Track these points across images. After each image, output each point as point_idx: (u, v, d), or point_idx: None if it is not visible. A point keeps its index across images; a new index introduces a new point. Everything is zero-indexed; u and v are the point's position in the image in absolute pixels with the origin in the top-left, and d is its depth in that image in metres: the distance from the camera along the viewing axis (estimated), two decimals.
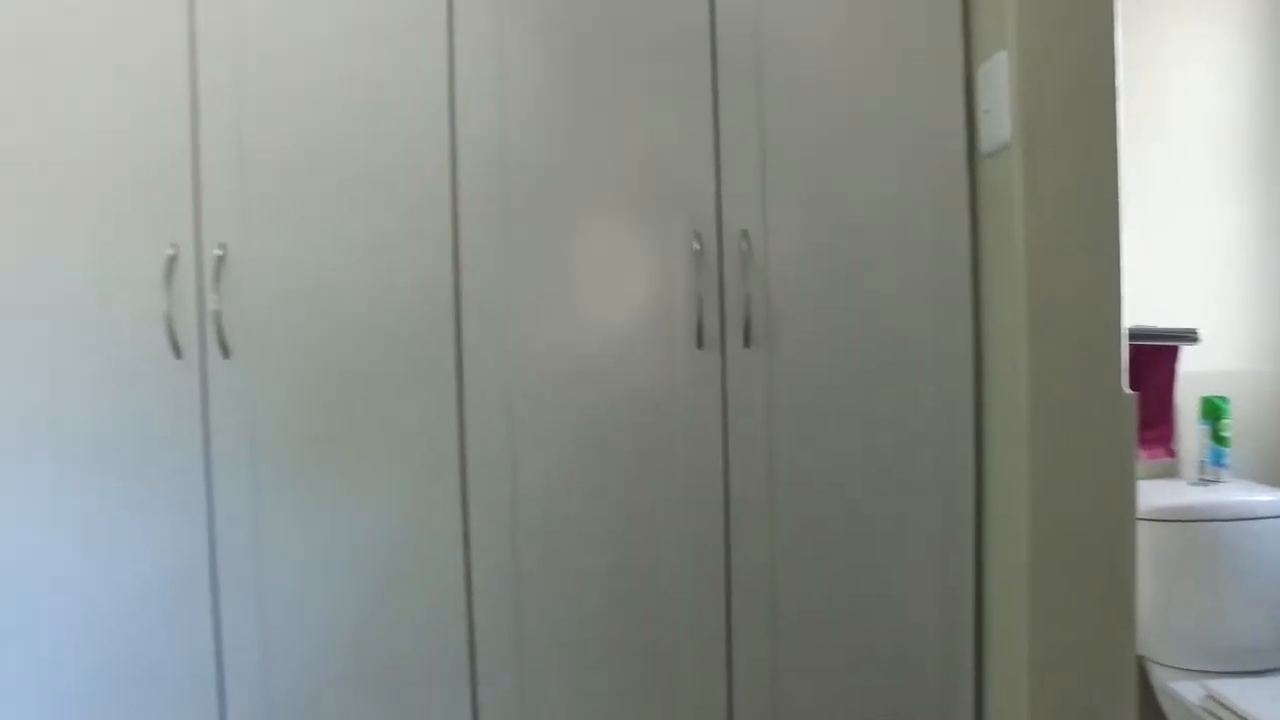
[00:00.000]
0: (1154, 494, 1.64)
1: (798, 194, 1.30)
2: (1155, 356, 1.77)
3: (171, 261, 1.28)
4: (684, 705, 1.31)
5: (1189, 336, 1.76)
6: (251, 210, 1.28)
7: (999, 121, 1.18)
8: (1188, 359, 1.79)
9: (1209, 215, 1.84)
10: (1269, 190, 1.85)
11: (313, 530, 1.30)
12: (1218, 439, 1.74)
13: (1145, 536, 1.57)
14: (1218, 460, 1.74)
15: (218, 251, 1.27)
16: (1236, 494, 1.64)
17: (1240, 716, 1.37)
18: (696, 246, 1.27)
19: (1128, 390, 1.16)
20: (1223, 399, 1.75)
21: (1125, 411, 1.15)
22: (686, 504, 1.30)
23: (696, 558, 1.30)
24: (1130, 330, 1.49)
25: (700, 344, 1.28)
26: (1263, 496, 1.62)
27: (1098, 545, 1.15)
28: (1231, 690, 1.44)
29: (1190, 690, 1.52)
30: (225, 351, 1.28)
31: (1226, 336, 1.84)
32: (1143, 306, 1.78)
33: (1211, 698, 1.45)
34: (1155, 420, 1.78)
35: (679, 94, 1.29)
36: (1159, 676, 1.60)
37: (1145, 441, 1.76)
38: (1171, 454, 1.80)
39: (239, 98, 1.27)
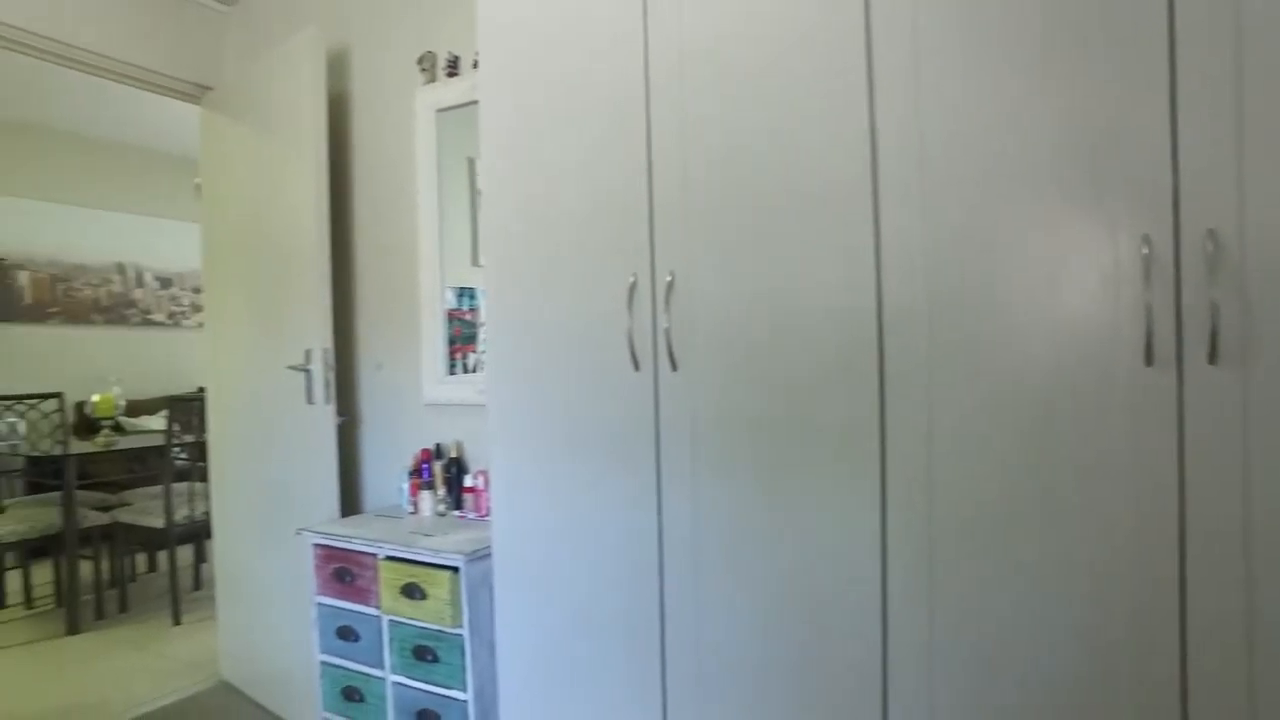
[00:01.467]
0: None
1: None
2: None
3: (632, 288, 1.55)
4: None
5: None
6: (693, 241, 1.49)
7: None
8: None
9: None
10: None
11: (738, 521, 1.46)
12: None
13: None
14: None
15: (668, 278, 1.51)
16: None
17: None
18: (1145, 250, 1.14)
19: None
20: None
21: None
22: (1128, 544, 1.17)
23: (1134, 608, 1.16)
24: None
25: (1149, 360, 1.14)
26: None
27: None
28: None
29: None
30: (673, 364, 1.51)
31: None
32: None
33: None
34: None
35: (1124, 55, 1.16)
36: None
37: None
38: None
39: (681, 147, 1.49)
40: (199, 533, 3.68)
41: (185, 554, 4.27)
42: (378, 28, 2.65)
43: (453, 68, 2.43)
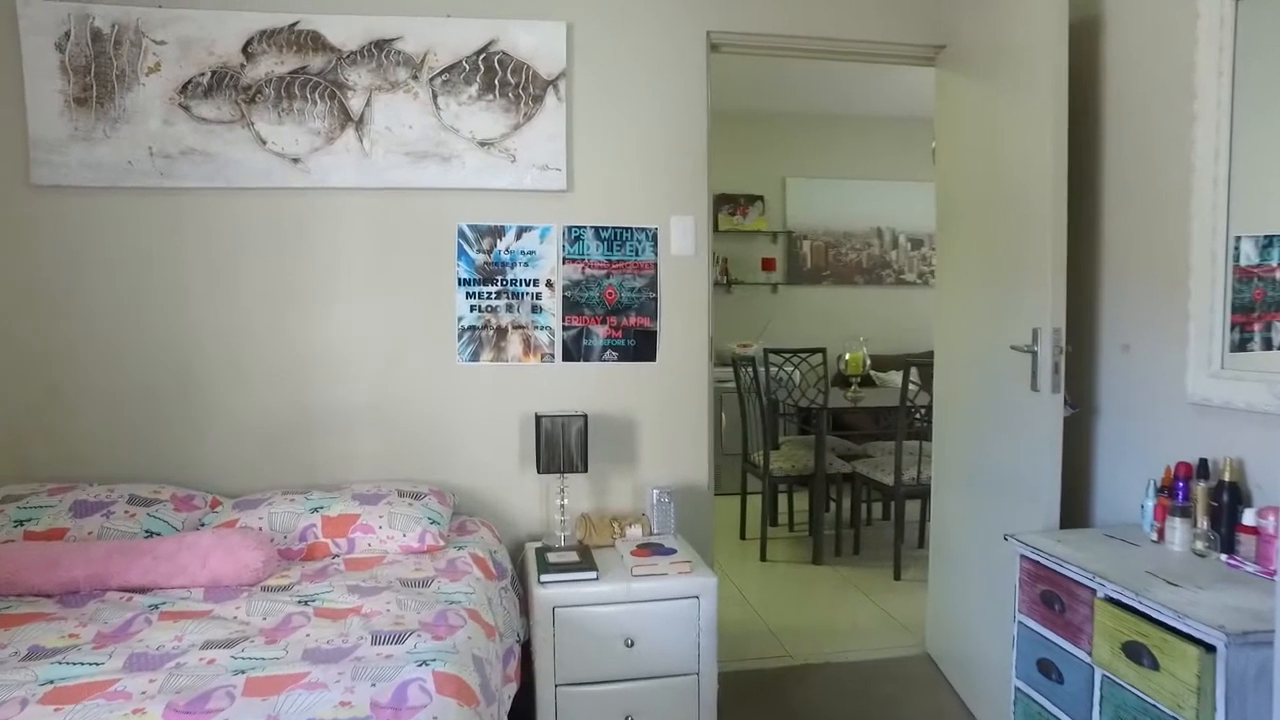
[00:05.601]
0: None
1: None
2: None
3: None
4: None
5: None
6: None
7: None
8: None
9: None
10: None
11: None
12: None
13: None
14: None
15: None
16: None
17: None
18: None
19: None
20: None
21: None
22: None
23: None
24: None
25: None
26: None
27: None
28: None
29: None
30: None
31: None
32: None
33: None
34: None
35: None
36: None
37: None
38: None
39: None
40: (927, 492, 3.71)
41: (915, 507, 4.40)
42: None
43: None
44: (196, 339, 2.45)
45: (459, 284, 2.55)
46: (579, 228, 2.60)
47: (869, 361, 4.26)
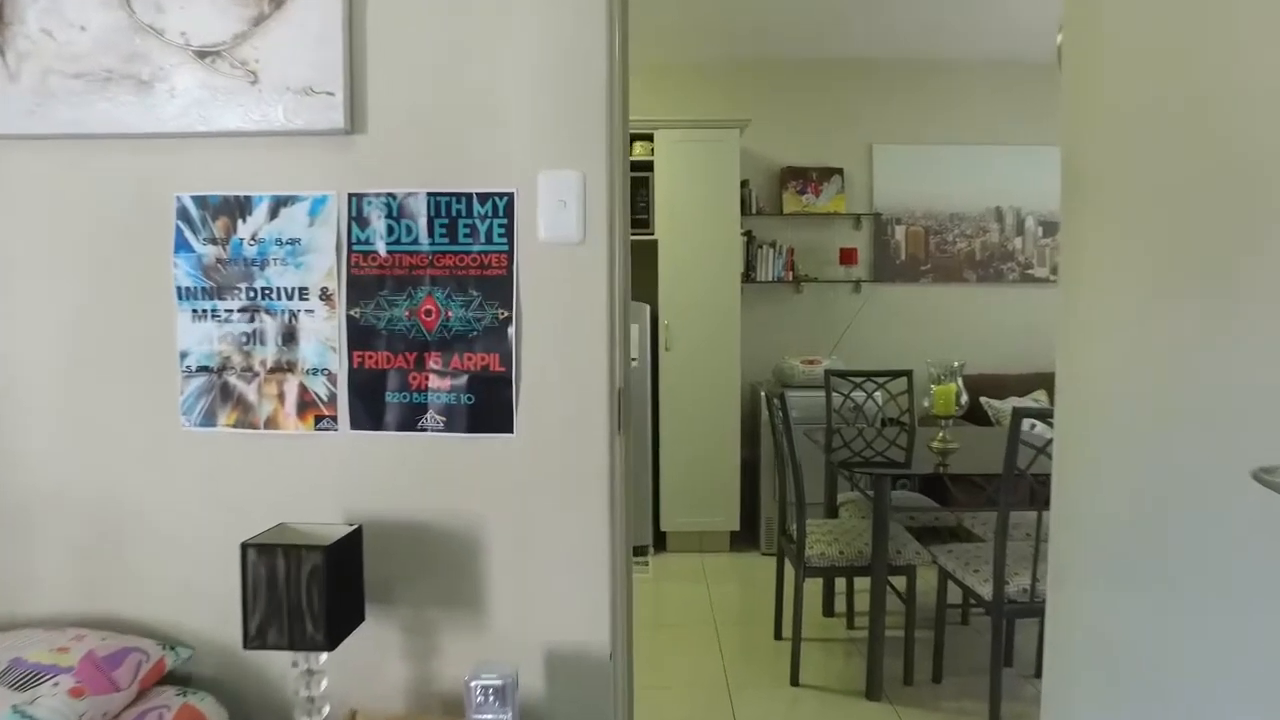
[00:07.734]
0: None
1: None
2: None
3: None
4: None
5: None
6: None
7: None
8: None
9: None
10: None
11: None
12: None
13: None
14: None
15: None
16: None
17: None
18: None
19: None
20: None
21: None
22: None
23: None
24: None
25: None
26: None
27: None
28: None
29: None
30: None
31: None
32: None
33: None
34: None
35: None
36: None
37: None
38: None
39: None
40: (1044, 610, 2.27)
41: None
42: None
43: None
44: None
45: (179, 296, 1.44)
46: (374, 196, 1.41)
47: (964, 397, 2.82)
